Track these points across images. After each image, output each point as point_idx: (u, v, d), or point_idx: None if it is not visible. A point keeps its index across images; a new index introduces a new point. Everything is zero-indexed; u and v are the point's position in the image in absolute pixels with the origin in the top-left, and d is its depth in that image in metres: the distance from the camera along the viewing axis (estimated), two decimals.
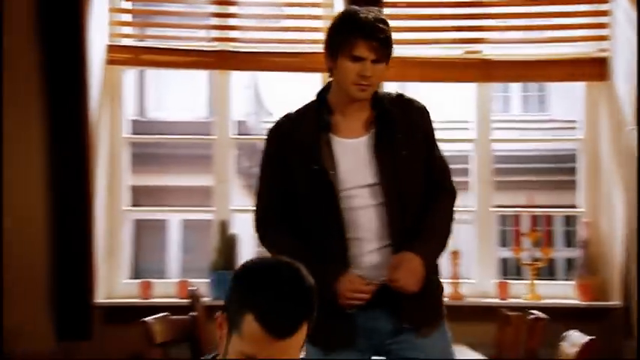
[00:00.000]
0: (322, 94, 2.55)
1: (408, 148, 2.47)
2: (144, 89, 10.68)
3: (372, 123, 2.50)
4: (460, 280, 4.16)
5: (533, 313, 3.18)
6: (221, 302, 3.98)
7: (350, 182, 2.44)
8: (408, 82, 4.55)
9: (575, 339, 2.69)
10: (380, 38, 2.40)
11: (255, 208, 2.58)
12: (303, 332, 1.58)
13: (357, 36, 2.39)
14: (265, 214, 2.56)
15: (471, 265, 4.33)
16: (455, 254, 4.16)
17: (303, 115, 2.55)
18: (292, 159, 2.49)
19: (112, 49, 4.20)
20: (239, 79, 9.84)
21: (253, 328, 1.54)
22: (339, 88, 2.49)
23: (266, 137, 2.58)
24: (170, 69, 4.92)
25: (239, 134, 4.68)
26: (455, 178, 2.61)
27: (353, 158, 2.46)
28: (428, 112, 2.58)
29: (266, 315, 1.54)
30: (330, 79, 2.52)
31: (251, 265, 1.63)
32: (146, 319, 3.03)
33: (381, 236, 2.44)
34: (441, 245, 2.53)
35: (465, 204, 4.39)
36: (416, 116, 2.54)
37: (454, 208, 2.57)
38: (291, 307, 1.56)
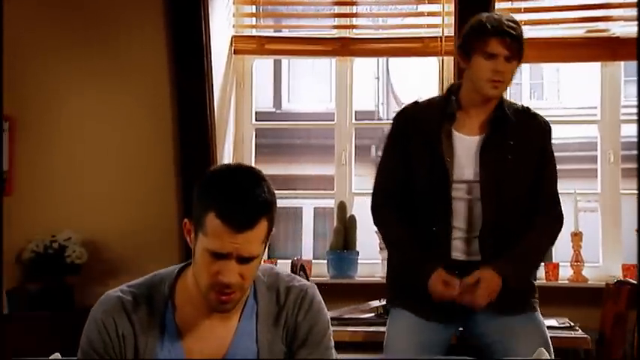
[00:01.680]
0: (452, 91, 2.69)
1: (515, 154, 2.60)
2: (281, 82, 10.96)
3: (488, 125, 2.63)
4: (583, 263, 4.08)
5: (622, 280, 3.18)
6: (340, 281, 4.03)
7: (459, 175, 2.60)
8: (529, 63, 4.50)
9: None
10: (512, 35, 2.52)
11: (374, 183, 2.77)
12: (262, 228, 1.69)
13: (490, 34, 2.54)
14: (381, 192, 2.74)
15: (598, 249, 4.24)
16: (577, 236, 4.07)
17: (431, 104, 2.72)
18: (414, 142, 2.65)
19: (237, 39, 4.39)
20: (368, 70, 9.95)
21: (215, 224, 1.67)
22: (472, 88, 2.63)
23: (393, 119, 2.78)
24: (293, 57, 5.09)
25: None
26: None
27: (464, 154, 2.61)
28: (549, 129, 2.70)
29: (225, 210, 1.66)
30: (460, 80, 2.72)
31: (212, 171, 1.76)
32: None
33: (475, 228, 2.60)
34: (532, 267, 2.70)
35: (592, 188, 4.32)
36: (535, 129, 2.67)
37: (556, 233, 2.69)
38: (248, 201, 1.67)
